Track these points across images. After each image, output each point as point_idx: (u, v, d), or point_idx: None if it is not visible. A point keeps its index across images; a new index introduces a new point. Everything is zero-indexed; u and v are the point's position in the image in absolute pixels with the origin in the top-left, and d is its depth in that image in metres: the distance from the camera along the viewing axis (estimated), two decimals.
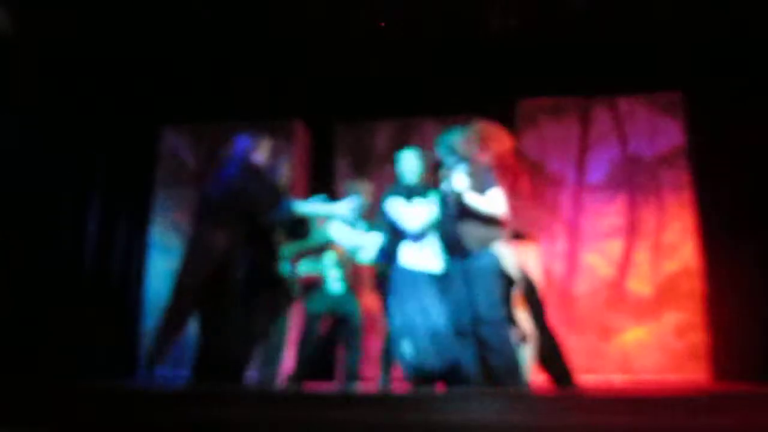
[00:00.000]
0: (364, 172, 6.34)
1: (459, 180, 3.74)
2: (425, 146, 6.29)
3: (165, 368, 5.24)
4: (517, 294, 3.81)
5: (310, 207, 4.17)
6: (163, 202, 6.43)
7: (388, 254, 4.13)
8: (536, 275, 4.05)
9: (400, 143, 6.45)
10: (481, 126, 4.03)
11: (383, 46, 6.08)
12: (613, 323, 5.67)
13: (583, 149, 6.07)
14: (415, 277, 3.90)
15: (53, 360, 5.48)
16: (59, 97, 6.12)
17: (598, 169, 6.01)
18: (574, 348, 5.59)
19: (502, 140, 4.13)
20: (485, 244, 3.65)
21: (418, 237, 3.95)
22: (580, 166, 6.03)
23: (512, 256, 3.69)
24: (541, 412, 2.86)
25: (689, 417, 2.76)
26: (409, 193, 4.07)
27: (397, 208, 4.01)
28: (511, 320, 3.73)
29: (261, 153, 4.14)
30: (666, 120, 5.97)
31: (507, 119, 6.12)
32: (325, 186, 5.99)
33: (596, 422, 2.75)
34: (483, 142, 3.95)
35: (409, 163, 4.15)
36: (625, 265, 5.78)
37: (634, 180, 5.93)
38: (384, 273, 4.18)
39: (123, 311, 6.24)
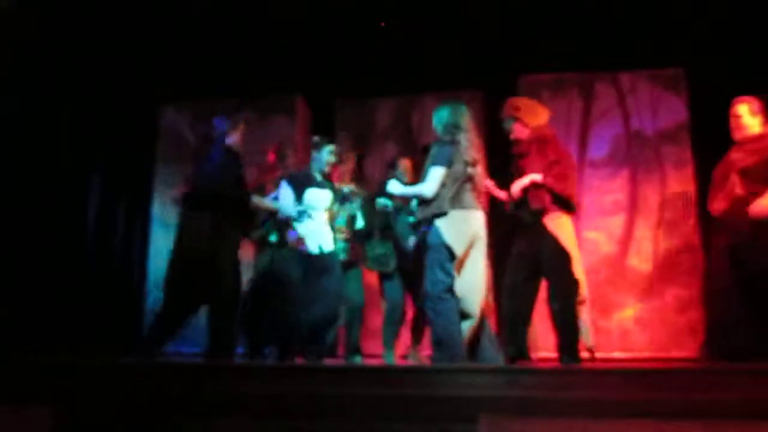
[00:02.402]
0: (366, 147, 6.34)
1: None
2: (426, 123, 6.34)
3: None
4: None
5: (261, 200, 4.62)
6: (164, 179, 6.43)
7: None
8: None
9: (401, 119, 6.45)
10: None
11: (384, 21, 6.03)
12: (614, 299, 5.68)
13: (586, 125, 6.04)
14: None
15: (57, 338, 5.50)
16: (60, 75, 6.08)
17: (601, 145, 5.98)
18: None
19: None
20: (427, 219, 3.73)
21: None
22: (583, 143, 5.99)
23: (454, 229, 3.66)
24: (540, 386, 2.88)
25: (688, 393, 2.78)
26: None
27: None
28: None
29: (233, 135, 4.36)
30: (668, 96, 5.93)
31: (509, 94, 6.10)
32: None
33: (594, 397, 2.77)
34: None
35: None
36: (626, 241, 5.78)
37: (636, 156, 5.90)
38: None
39: (126, 287, 6.28)
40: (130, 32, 6.09)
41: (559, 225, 3.91)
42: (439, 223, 3.65)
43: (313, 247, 4.28)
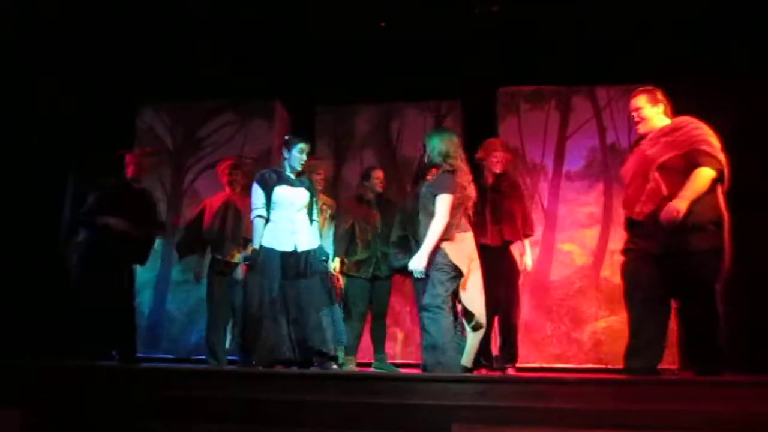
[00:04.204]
0: (344, 154, 6.34)
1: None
2: (405, 131, 6.37)
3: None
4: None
5: None
6: None
7: None
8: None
9: (380, 127, 6.47)
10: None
11: (365, 30, 6.04)
12: (587, 311, 5.72)
13: (562, 138, 6.09)
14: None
15: (27, 342, 5.42)
16: (39, 75, 6.00)
17: (577, 158, 6.04)
18: (549, 335, 5.68)
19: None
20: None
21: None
22: (559, 155, 6.05)
23: (458, 250, 3.80)
24: (512, 396, 2.89)
25: (659, 404, 2.81)
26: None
27: None
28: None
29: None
30: None
31: (487, 106, 6.15)
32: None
33: (566, 407, 2.78)
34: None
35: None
36: (600, 253, 5.83)
37: (611, 169, 5.95)
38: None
39: None
40: (110, 32, 6.04)
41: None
42: (445, 245, 3.78)
43: (287, 246, 4.13)
